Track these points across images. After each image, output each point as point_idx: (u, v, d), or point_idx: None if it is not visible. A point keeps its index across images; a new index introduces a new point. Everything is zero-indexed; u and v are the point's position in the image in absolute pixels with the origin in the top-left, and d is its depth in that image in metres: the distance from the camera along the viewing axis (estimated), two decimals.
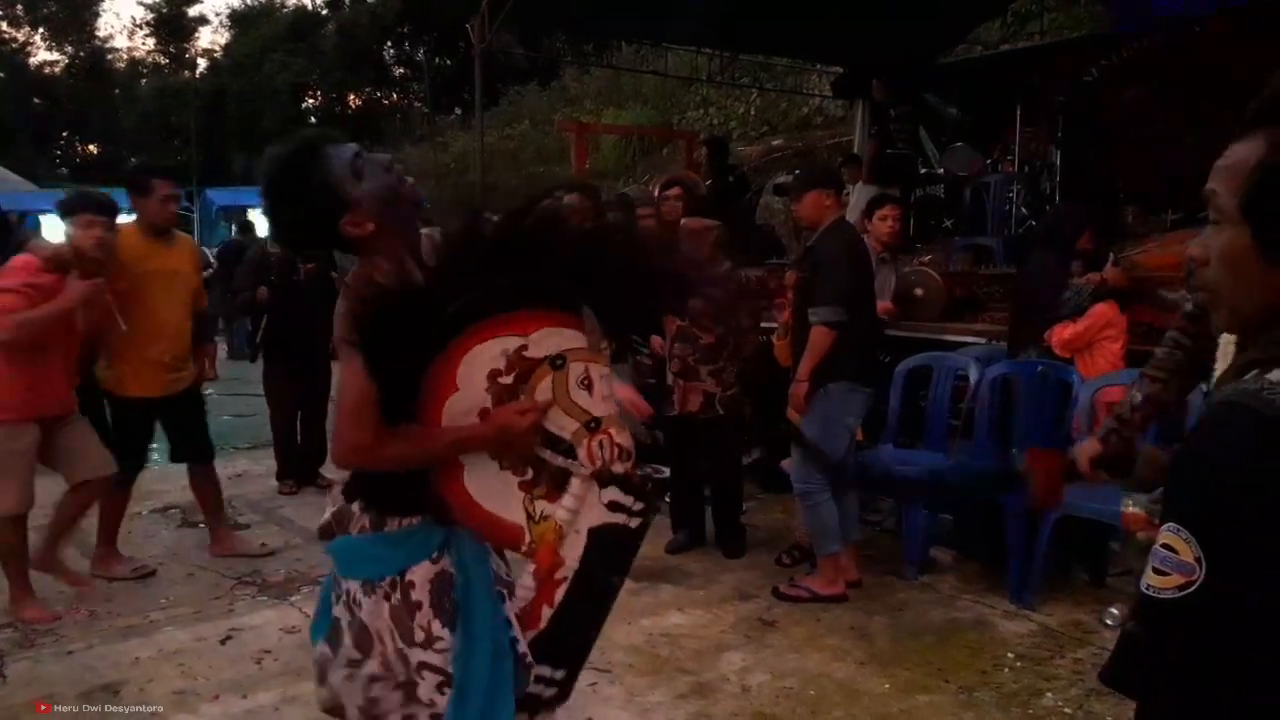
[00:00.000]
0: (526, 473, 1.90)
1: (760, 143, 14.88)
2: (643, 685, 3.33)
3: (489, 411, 1.83)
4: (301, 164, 1.85)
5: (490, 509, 1.89)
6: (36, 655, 3.57)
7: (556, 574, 1.93)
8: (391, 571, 1.87)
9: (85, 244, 3.85)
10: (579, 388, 1.91)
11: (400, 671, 1.86)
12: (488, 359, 1.83)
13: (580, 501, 1.92)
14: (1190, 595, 0.91)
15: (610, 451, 1.94)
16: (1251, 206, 1.00)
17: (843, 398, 3.98)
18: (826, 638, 3.72)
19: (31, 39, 39.97)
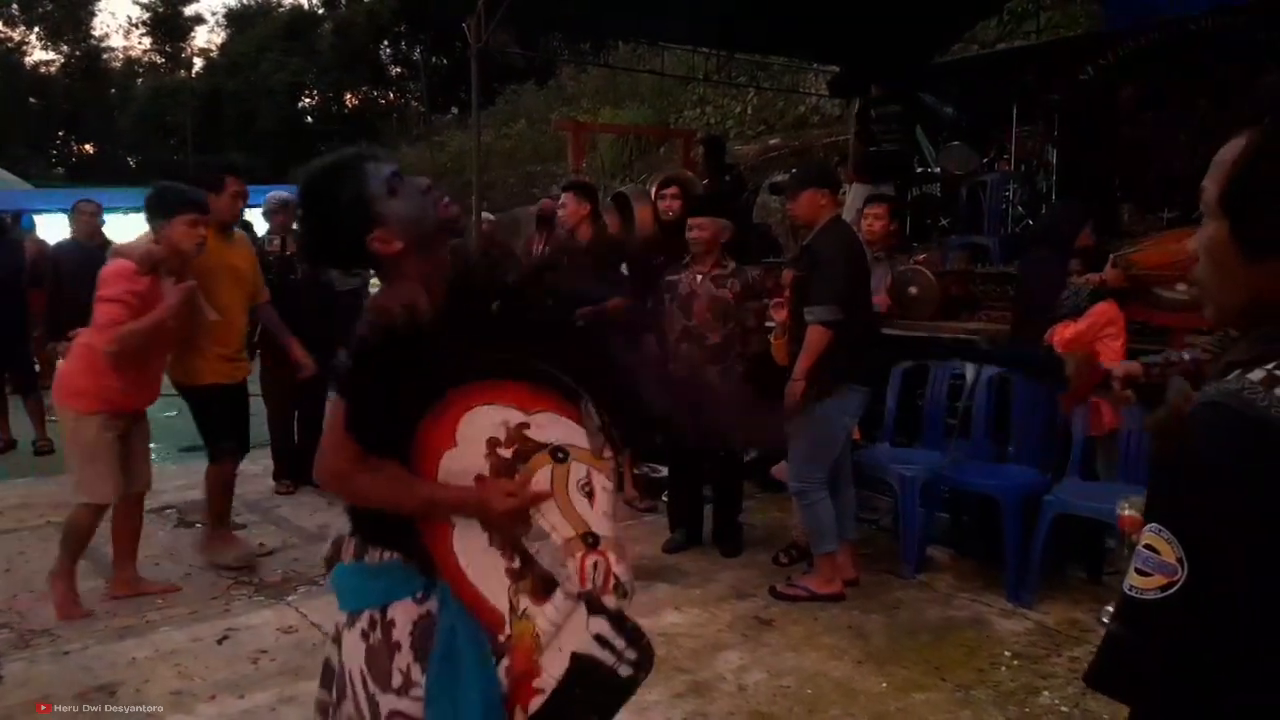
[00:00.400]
0: (514, 560, 1.75)
1: (757, 142, 14.88)
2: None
3: (484, 479, 1.72)
4: (335, 178, 1.80)
5: (474, 583, 1.73)
6: (32, 656, 3.57)
7: (533, 682, 1.75)
8: (372, 605, 1.74)
9: (187, 245, 3.82)
10: (579, 492, 1.77)
11: (367, 715, 1.71)
12: (488, 425, 1.73)
13: (564, 617, 1.75)
14: (1172, 596, 0.92)
15: (604, 579, 1.77)
16: (1228, 201, 1.02)
17: (839, 397, 3.98)
18: (823, 636, 3.72)
19: (27, 38, 39.92)
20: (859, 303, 4.05)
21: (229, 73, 34.10)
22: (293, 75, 32.24)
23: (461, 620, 1.71)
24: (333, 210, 1.78)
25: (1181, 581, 0.92)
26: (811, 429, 3.98)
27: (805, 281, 3.98)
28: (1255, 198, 0.99)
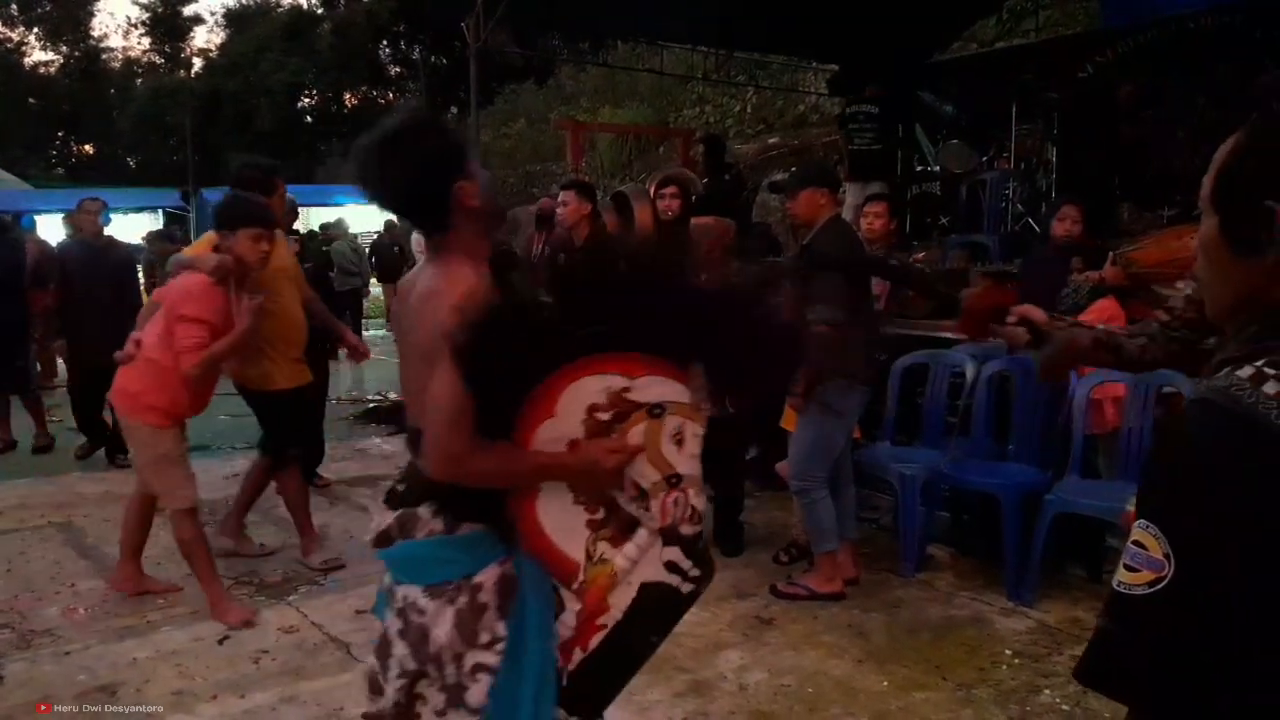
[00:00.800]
0: (598, 512, 1.89)
1: (756, 141, 14.88)
2: (640, 683, 3.32)
3: (578, 443, 1.82)
4: (429, 124, 1.89)
5: (553, 539, 1.88)
6: (33, 656, 3.57)
7: (598, 619, 1.90)
8: (461, 575, 1.84)
9: (253, 259, 3.79)
10: (670, 441, 1.90)
11: (451, 674, 1.83)
12: (590, 393, 1.82)
13: (642, 553, 1.91)
14: (1159, 592, 0.92)
15: (683, 511, 1.92)
16: (1217, 198, 1.03)
17: (841, 396, 3.98)
18: (824, 635, 3.72)
19: (26, 39, 39.94)
20: (860, 302, 4.05)
21: (228, 73, 34.09)
22: (292, 75, 32.25)
23: (531, 582, 1.86)
24: (428, 152, 1.84)
25: (1169, 577, 0.92)
26: (813, 427, 3.98)
27: (806, 281, 3.98)
28: (1241, 195, 1.00)
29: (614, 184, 13.00)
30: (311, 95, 35.36)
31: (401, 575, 1.90)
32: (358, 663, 3.49)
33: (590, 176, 11.99)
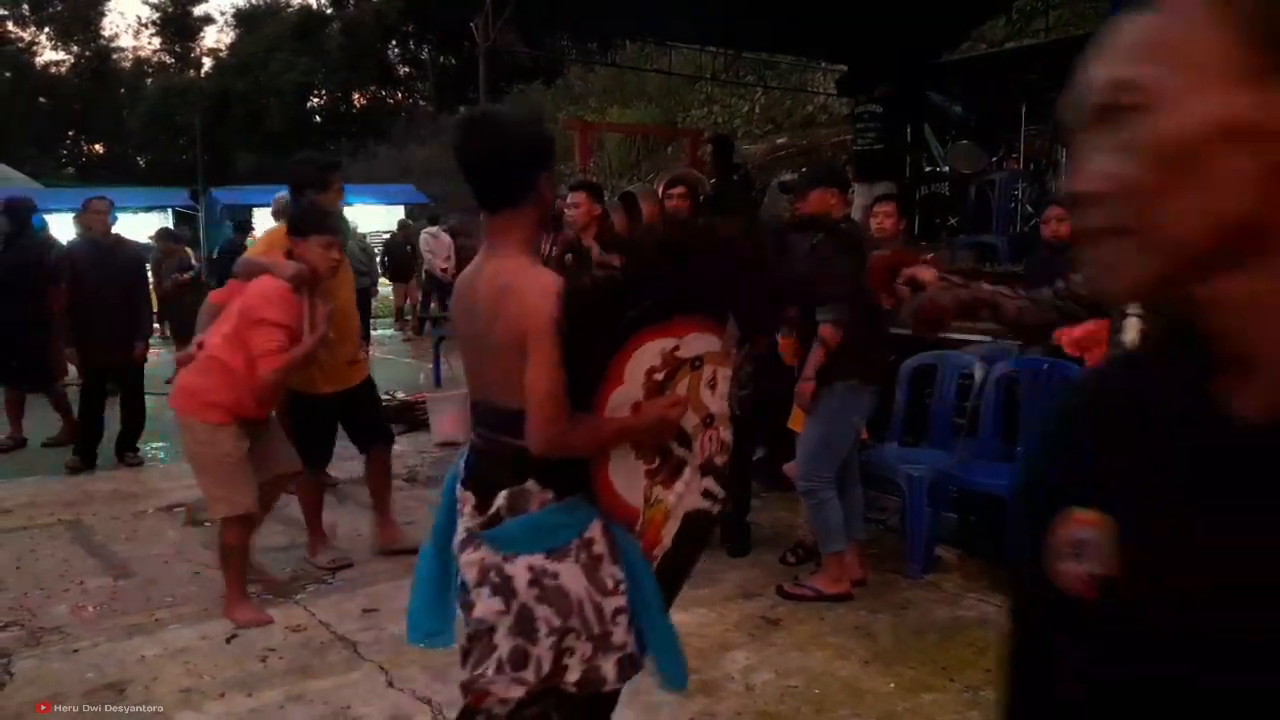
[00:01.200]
0: (654, 461, 2.12)
1: (765, 141, 14.88)
2: (647, 683, 3.31)
3: (640, 404, 2.03)
4: (528, 117, 2.22)
5: (621, 493, 2.09)
6: (43, 654, 3.58)
7: (654, 551, 2.14)
8: (577, 535, 2.03)
9: (324, 267, 3.79)
10: (706, 387, 2.15)
11: (595, 624, 2.03)
12: (649, 357, 2.03)
13: (687, 488, 2.16)
14: None
15: (716, 445, 2.19)
16: None
17: (849, 396, 3.97)
18: (831, 636, 3.71)
19: (37, 39, 40.10)
20: (868, 302, 4.04)
21: (238, 73, 34.18)
22: (301, 75, 32.32)
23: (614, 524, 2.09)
24: (528, 141, 2.07)
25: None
26: (821, 427, 3.98)
27: (812, 279, 3.98)
28: None
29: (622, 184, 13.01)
30: (320, 95, 35.45)
31: (523, 547, 2.04)
32: (365, 661, 3.50)
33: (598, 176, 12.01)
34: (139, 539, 4.94)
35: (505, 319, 1.98)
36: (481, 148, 2.06)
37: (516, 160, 2.05)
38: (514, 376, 1.97)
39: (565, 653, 2.03)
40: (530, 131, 2.10)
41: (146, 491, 5.79)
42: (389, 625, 3.76)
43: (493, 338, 2.05)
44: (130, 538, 4.97)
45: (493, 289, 2.05)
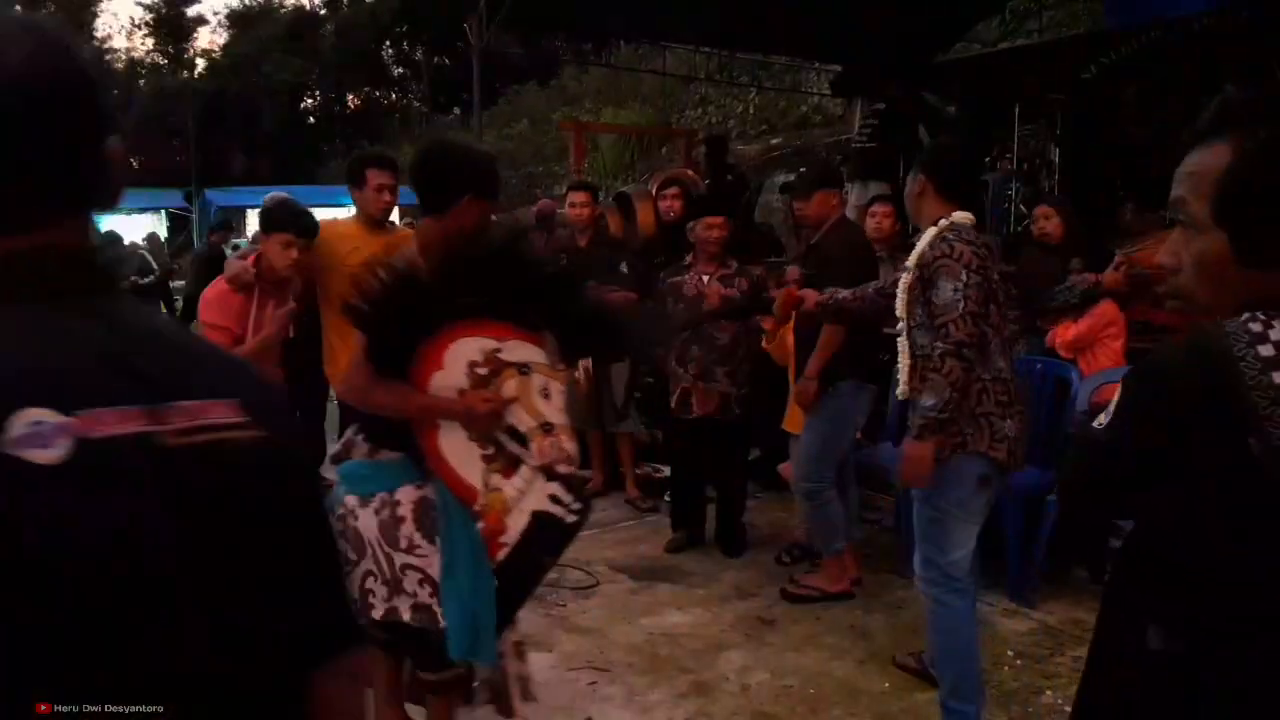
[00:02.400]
0: (488, 449, 2.44)
1: (759, 141, 14.89)
2: (642, 684, 3.33)
3: (465, 392, 2.38)
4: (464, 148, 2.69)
5: (454, 466, 2.41)
6: None
7: (500, 538, 2.42)
8: (382, 489, 2.42)
9: (281, 265, 3.69)
10: (540, 395, 2.46)
11: (388, 571, 2.39)
12: (469, 351, 2.38)
13: (527, 485, 2.45)
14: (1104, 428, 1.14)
15: (558, 453, 2.47)
16: (1226, 212, 1.03)
17: (852, 396, 3.97)
18: (826, 636, 3.72)
19: None
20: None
21: (231, 74, 34.12)
22: (295, 76, 32.29)
23: (449, 496, 2.41)
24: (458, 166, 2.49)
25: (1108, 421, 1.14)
26: (823, 428, 3.97)
27: (814, 281, 3.95)
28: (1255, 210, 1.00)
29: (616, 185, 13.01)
30: (314, 96, 35.40)
31: (346, 486, 2.46)
32: None
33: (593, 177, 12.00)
34: None
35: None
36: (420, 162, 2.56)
37: (448, 195, 2.43)
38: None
39: (368, 593, 2.40)
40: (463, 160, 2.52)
41: None
42: None
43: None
44: None
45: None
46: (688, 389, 4.57)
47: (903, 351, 3.04)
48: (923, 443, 2.79)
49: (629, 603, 4.07)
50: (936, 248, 2.89)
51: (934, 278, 2.85)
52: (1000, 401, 2.87)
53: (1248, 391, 0.95)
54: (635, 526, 5.13)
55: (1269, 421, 0.94)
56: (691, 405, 4.57)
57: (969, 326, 2.78)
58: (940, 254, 2.86)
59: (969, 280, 2.81)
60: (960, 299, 2.80)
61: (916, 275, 2.93)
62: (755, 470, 5.15)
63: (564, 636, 3.73)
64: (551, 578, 4.33)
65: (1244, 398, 0.95)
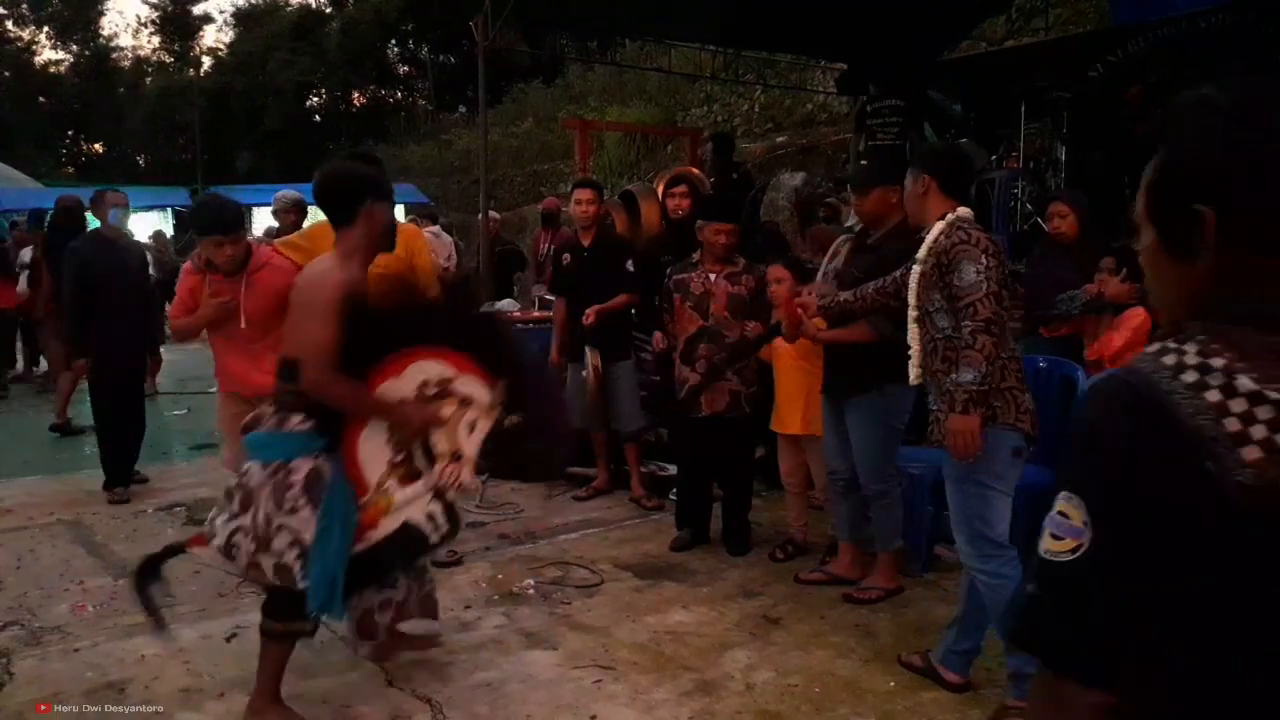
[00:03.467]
0: (399, 456, 2.81)
1: (764, 139, 14.87)
2: (647, 683, 3.33)
3: (406, 401, 2.80)
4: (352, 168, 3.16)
5: (361, 460, 2.79)
6: (43, 653, 3.58)
7: (367, 532, 2.77)
8: (283, 458, 2.75)
9: (219, 262, 4.07)
10: (466, 428, 2.84)
11: (262, 529, 2.71)
12: (425, 371, 2.81)
13: (416, 497, 2.80)
14: (1081, 558, 0.98)
15: (453, 481, 2.85)
16: (1151, 209, 1.07)
17: (898, 397, 3.94)
18: (831, 635, 3.71)
19: (36, 38, 40.07)
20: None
21: (237, 72, 34.13)
22: (300, 74, 32.26)
23: (341, 477, 2.78)
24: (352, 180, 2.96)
25: (1088, 544, 0.98)
26: (876, 432, 3.93)
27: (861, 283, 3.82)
28: (1172, 203, 1.04)
29: (621, 183, 13.00)
30: (320, 94, 35.39)
31: (251, 453, 2.80)
32: (365, 661, 3.50)
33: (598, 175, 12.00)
34: (139, 538, 4.93)
35: (309, 291, 2.82)
36: (320, 190, 2.96)
37: (341, 196, 2.91)
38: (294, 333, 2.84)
39: (234, 546, 2.75)
40: (348, 176, 2.99)
41: (146, 491, 5.78)
42: None
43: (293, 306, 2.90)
44: (130, 537, 4.96)
45: (316, 270, 2.91)
46: (696, 387, 4.57)
47: (914, 339, 3.23)
48: (969, 415, 2.98)
49: (634, 601, 4.07)
50: (952, 236, 3.08)
51: (954, 263, 3.04)
52: (1019, 377, 3.09)
53: (1189, 417, 0.94)
54: (640, 525, 5.13)
55: (1217, 443, 0.93)
56: (700, 403, 4.57)
57: (994, 304, 2.98)
58: (958, 240, 3.05)
59: (988, 263, 3.01)
60: (984, 279, 3.00)
61: (932, 264, 3.11)
62: (760, 468, 5.15)
63: (569, 634, 3.73)
64: (556, 575, 4.35)
65: (1188, 423, 0.94)
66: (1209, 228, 1.00)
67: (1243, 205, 0.98)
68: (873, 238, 3.99)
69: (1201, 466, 0.93)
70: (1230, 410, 0.94)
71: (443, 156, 22.51)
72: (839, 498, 4.19)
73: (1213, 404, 0.94)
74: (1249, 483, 0.92)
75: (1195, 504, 0.95)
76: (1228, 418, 0.93)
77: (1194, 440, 0.94)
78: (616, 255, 5.41)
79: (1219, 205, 0.99)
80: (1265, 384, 0.93)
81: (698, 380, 4.56)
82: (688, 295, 4.60)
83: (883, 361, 3.78)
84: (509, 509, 5.41)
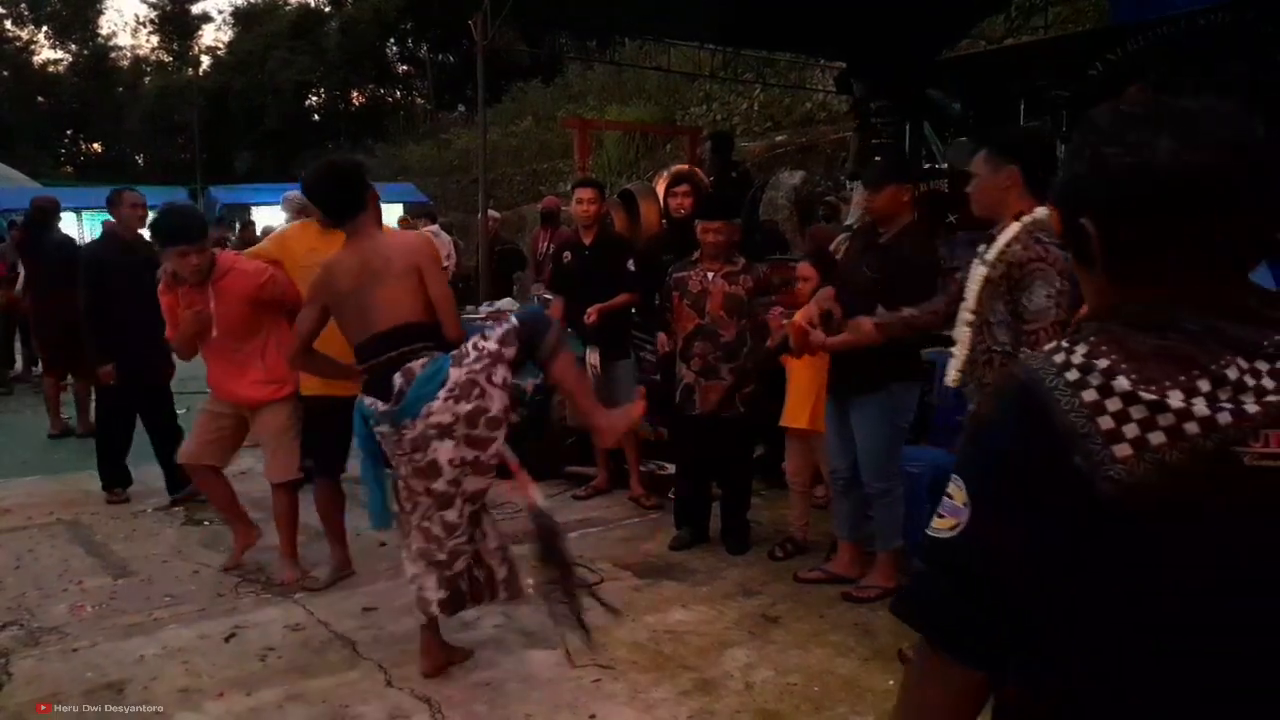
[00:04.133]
0: None
1: (764, 138, 14.86)
2: (646, 682, 3.33)
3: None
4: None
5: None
6: (41, 654, 3.58)
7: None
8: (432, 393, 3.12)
9: (184, 273, 4.11)
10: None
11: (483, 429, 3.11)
12: None
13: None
14: (957, 535, 1.04)
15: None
16: (1059, 220, 1.13)
17: (904, 396, 3.93)
18: (830, 634, 3.71)
19: (35, 37, 40.07)
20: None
21: (236, 71, 34.14)
22: (299, 73, 32.27)
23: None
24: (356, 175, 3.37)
25: (964, 523, 1.04)
26: (885, 429, 3.93)
27: (882, 281, 3.79)
28: (1067, 216, 1.10)
29: (620, 182, 12.99)
30: (319, 93, 35.40)
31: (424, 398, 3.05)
32: (364, 660, 3.50)
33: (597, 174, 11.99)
34: (138, 539, 4.93)
35: (403, 257, 3.15)
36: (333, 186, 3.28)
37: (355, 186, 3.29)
38: (411, 297, 3.13)
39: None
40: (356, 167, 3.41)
41: (146, 491, 5.77)
42: (388, 624, 3.76)
43: (391, 275, 3.12)
44: (129, 537, 4.96)
45: (384, 245, 3.22)
46: (691, 385, 4.58)
47: (962, 342, 3.00)
48: None
49: (633, 600, 4.06)
50: (1030, 249, 2.83)
51: (1027, 281, 2.82)
52: None
53: (1064, 414, 0.99)
54: (639, 524, 5.13)
55: (1088, 439, 0.97)
56: (695, 401, 4.57)
57: (1058, 335, 2.75)
58: (1035, 256, 2.82)
59: (1061, 287, 2.77)
60: (1052, 306, 2.78)
61: (1002, 273, 2.88)
62: (759, 467, 5.14)
63: (568, 633, 3.73)
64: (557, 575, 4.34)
65: (1063, 419, 0.99)
66: (1093, 239, 1.06)
67: (1115, 218, 1.04)
68: (884, 236, 3.92)
69: (1071, 462, 0.97)
70: (1106, 409, 0.97)
71: (441, 155, 22.51)
72: (839, 496, 4.20)
73: (1088, 403, 0.98)
74: (1120, 478, 0.96)
75: (1068, 500, 0.98)
76: (1102, 416, 0.97)
77: (1067, 436, 0.98)
78: (617, 254, 5.41)
79: (1096, 219, 1.05)
80: (1142, 385, 0.97)
81: (693, 378, 4.57)
82: (685, 293, 4.60)
83: (890, 360, 3.79)
84: (508, 508, 5.40)
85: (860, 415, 3.94)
